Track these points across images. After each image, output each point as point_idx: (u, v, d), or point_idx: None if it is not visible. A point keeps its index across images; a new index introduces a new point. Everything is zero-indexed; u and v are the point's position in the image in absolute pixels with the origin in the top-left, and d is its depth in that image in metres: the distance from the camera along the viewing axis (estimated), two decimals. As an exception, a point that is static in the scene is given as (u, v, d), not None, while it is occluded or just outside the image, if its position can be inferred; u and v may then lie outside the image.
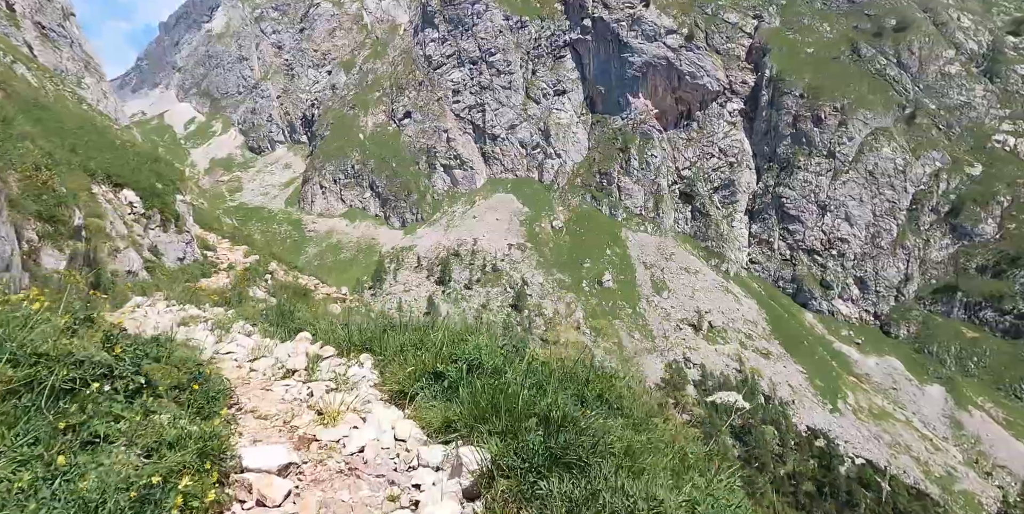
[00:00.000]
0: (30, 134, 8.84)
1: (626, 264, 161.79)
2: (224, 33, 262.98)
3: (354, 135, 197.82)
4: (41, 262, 5.64)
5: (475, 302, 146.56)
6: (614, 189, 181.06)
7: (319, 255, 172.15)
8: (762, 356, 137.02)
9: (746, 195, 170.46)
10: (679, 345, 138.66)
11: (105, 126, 25.27)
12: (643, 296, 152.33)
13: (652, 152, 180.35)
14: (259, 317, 5.97)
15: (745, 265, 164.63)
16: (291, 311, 5.76)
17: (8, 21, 63.70)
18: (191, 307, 6.84)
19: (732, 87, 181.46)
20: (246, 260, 21.20)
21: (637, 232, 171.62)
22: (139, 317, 6.17)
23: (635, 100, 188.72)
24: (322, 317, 6.42)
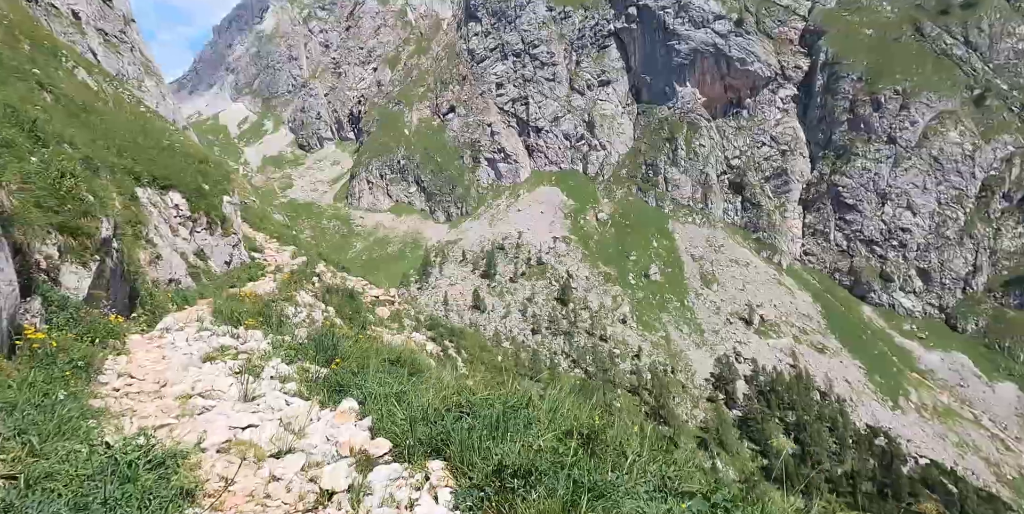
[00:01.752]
0: (71, 137, 9.02)
1: (673, 256, 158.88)
2: (274, 34, 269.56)
3: (399, 131, 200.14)
4: (62, 281, 5.55)
5: (520, 295, 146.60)
6: (660, 180, 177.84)
7: (366, 249, 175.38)
8: (817, 351, 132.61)
9: (799, 184, 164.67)
10: (729, 339, 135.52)
11: (154, 128, 26.06)
12: (691, 289, 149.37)
13: (700, 141, 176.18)
14: (297, 352, 5.43)
15: (799, 257, 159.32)
16: (333, 345, 5.23)
17: (74, 29, 66.24)
18: (225, 333, 6.46)
19: (784, 72, 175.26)
20: (294, 262, 21.55)
21: (685, 224, 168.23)
22: (165, 346, 5.85)
23: (682, 89, 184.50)
24: (371, 353, 5.49)
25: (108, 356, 5.28)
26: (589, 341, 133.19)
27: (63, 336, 4.70)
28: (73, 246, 5.69)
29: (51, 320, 5.13)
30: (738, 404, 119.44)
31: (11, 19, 28.59)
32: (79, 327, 5.33)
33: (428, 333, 18.94)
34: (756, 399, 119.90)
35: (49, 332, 4.69)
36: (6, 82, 10.00)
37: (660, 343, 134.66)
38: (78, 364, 4.37)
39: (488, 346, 21.75)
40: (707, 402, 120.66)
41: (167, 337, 6.22)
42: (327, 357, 5.12)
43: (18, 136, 6.08)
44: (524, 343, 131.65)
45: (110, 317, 5.89)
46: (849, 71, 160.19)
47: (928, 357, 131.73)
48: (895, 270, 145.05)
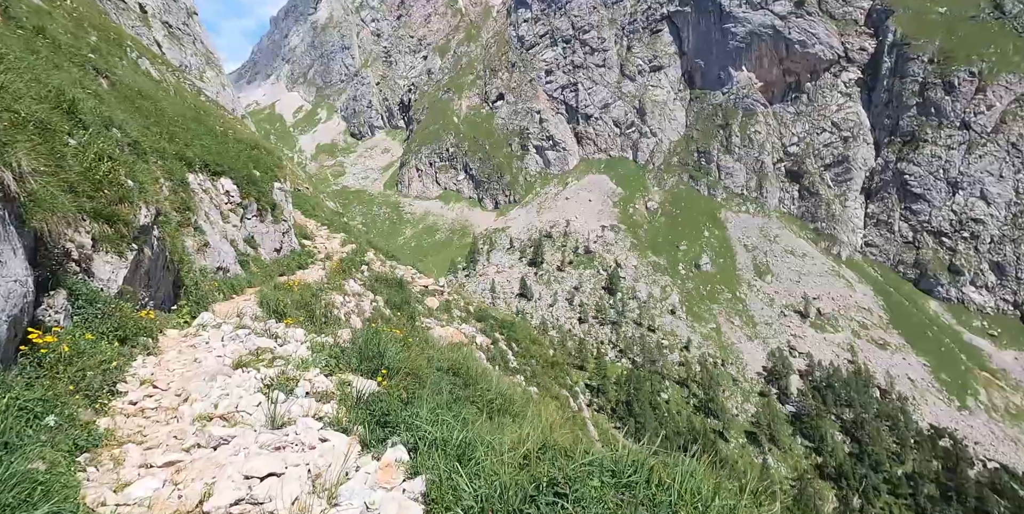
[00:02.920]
0: (121, 122, 8.88)
1: (725, 247, 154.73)
2: (328, 24, 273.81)
3: (449, 119, 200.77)
4: (95, 272, 5.23)
5: (567, 284, 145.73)
6: (713, 168, 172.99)
7: (415, 236, 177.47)
8: (878, 347, 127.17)
9: (862, 172, 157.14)
10: (783, 333, 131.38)
11: (208, 114, 26.45)
12: (744, 280, 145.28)
13: (756, 128, 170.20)
14: (339, 360, 4.82)
15: (860, 248, 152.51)
16: (380, 352, 4.66)
17: (141, 22, 68.63)
18: (263, 332, 5.92)
19: (848, 55, 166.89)
20: (343, 249, 21.47)
21: (738, 213, 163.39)
22: (199, 346, 5.46)
23: (737, 73, 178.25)
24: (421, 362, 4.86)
25: (137, 356, 5.00)
26: (637, 331, 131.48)
27: (80, 338, 4.30)
28: (108, 234, 5.40)
29: (78, 316, 4.82)
30: (791, 399, 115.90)
31: (80, 12, 29.46)
32: (108, 323, 5.01)
33: (477, 325, 18.58)
34: (811, 395, 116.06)
35: (73, 331, 4.43)
36: (60, 67, 10.01)
37: (710, 335, 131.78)
38: (94, 371, 3.98)
39: (539, 339, 21.35)
40: (759, 396, 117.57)
41: (202, 335, 5.88)
42: (372, 367, 4.56)
43: (56, 117, 5.85)
44: (571, 332, 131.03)
45: (142, 313, 5.60)
46: (920, 52, 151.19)
47: (1000, 356, 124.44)
48: (965, 263, 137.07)
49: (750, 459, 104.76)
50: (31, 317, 4.19)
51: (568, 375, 20.47)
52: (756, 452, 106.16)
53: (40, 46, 10.45)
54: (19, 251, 3.80)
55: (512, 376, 14.92)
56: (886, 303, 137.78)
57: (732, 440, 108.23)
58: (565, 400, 16.93)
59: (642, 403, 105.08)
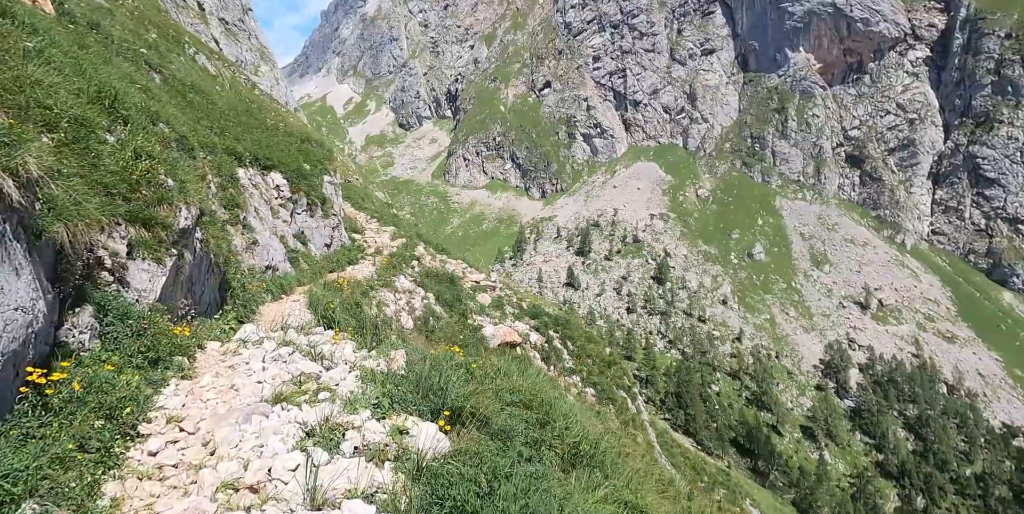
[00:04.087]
0: (170, 117, 8.66)
1: (780, 235, 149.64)
2: (376, 16, 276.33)
3: (495, 108, 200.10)
4: (130, 281, 4.86)
5: (615, 273, 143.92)
6: (768, 154, 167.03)
7: (462, 226, 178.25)
8: (945, 340, 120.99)
9: (929, 156, 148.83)
10: (842, 324, 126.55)
11: (260, 108, 26.65)
12: (800, 270, 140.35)
13: (814, 111, 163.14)
14: (393, 398, 4.12)
15: (926, 236, 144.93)
16: (441, 386, 4.03)
17: (199, 19, 70.89)
18: (308, 351, 5.31)
19: (915, 32, 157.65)
20: (393, 243, 21.17)
21: (794, 200, 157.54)
22: (238, 367, 4.94)
23: (794, 55, 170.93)
24: (488, 395, 4.20)
25: (170, 379, 4.55)
26: (687, 322, 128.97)
27: (98, 371, 3.76)
28: (145, 239, 5.04)
29: (106, 335, 4.38)
30: (850, 394, 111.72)
31: (141, 11, 30.23)
32: (140, 343, 4.56)
33: (531, 322, 18.00)
34: (871, 389, 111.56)
35: (96, 355, 4.04)
36: (110, 61, 9.92)
37: (764, 326, 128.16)
38: (111, 413, 3.46)
39: (595, 337, 20.68)
40: (815, 390, 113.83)
41: (242, 353, 5.39)
42: (433, 405, 3.92)
43: (94, 113, 5.56)
44: (619, 322, 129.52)
45: (177, 329, 5.14)
46: (996, 27, 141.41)
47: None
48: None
49: (805, 454, 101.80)
50: (51, 340, 3.80)
51: (626, 375, 19.80)
52: (812, 447, 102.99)
53: (91, 41, 10.41)
54: (25, 270, 3.37)
55: (568, 377, 14.40)
56: (955, 294, 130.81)
57: (786, 434, 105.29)
58: (623, 402, 16.28)
59: (692, 395, 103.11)
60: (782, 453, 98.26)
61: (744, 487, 59.80)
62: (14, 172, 3.29)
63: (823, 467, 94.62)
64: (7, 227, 3.23)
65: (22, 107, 4.17)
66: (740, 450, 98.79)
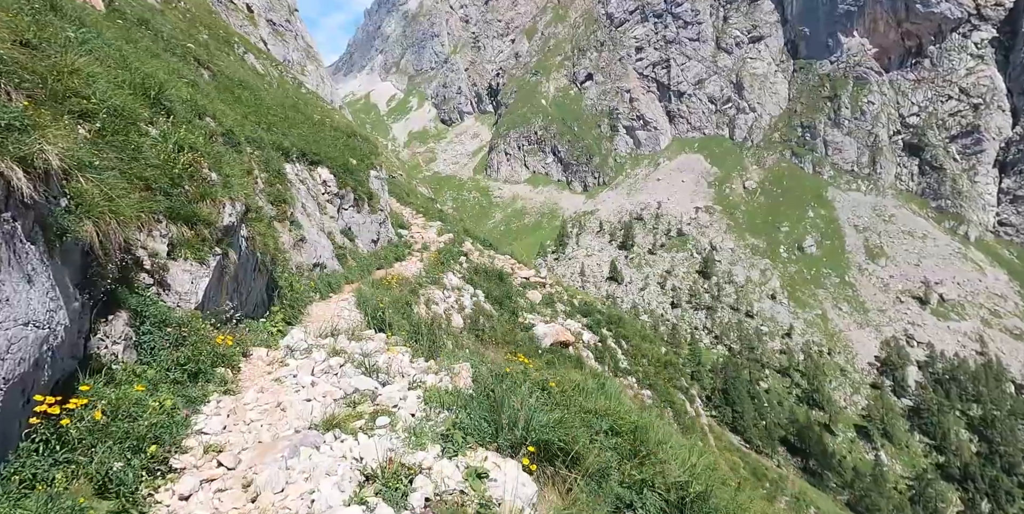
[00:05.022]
0: (217, 111, 8.48)
1: (833, 227, 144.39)
2: (418, 13, 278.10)
3: (537, 101, 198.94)
4: (171, 283, 4.53)
5: (659, 268, 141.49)
6: (819, 143, 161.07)
7: (504, 220, 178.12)
8: (1013, 337, 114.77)
9: (996, 143, 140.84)
10: (899, 320, 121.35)
11: (306, 104, 26.86)
12: (854, 263, 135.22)
13: (869, 98, 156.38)
14: (465, 430, 3.51)
15: (992, 228, 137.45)
16: (519, 414, 3.41)
17: (248, 21, 72.87)
18: (360, 362, 4.86)
19: (980, 12, 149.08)
20: (440, 239, 20.82)
21: (847, 191, 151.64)
22: (285, 381, 4.42)
23: (848, 39, 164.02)
24: (575, 421, 3.57)
25: (211, 394, 4.12)
26: (734, 317, 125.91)
27: (127, 394, 3.27)
28: (187, 238, 4.73)
29: (143, 346, 3.98)
30: (909, 392, 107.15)
31: (193, 13, 31.05)
32: (179, 354, 4.15)
33: (583, 320, 17.37)
34: (931, 388, 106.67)
35: (132, 367, 3.64)
36: (158, 56, 9.85)
37: (815, 322, 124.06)
38: (132, 449, 2.97)
39: (650, 336, 19.96)
40: (870, 388, 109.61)
41: (290, 363, 4.90)
42: (514, 440, 3.27)
43: (136, 104, 5.31)
44: (663, 317, 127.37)
45: (219, 338, 4.71)
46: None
47: None
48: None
49: (860, 454, 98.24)
50: (80, 352, 3.43)
51: (683, 376, 19.04)
52: (867, 447, 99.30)
53: (139, 36, 10.38)
54: (41, 276, 2.94)
55: (623, 378, 13.83)
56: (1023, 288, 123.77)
57: (839, 434, 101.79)
58: (681, 405, 15.60)
59: (739, 392, 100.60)
60: (835, 453, 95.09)
61: (807, 493, 57.95)
62: (27, 162, 2.90)
63: (879, 468, 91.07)
64: (18, 226, 2.84)
65: (57, 95, 3.90)
66: (790, 449, 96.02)
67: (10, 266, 2.71)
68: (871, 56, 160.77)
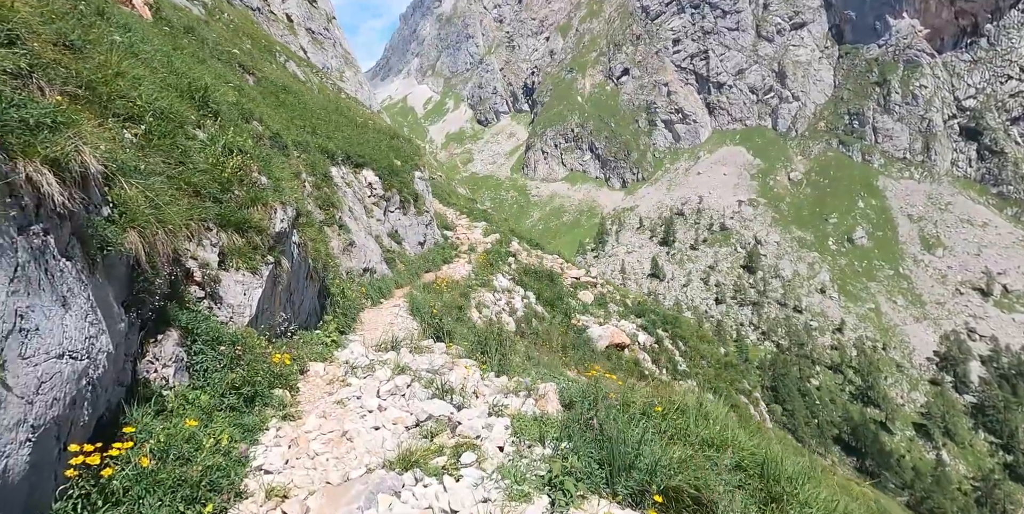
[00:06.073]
0: (263, 115, 8.37)
1: (884, 217, 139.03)
2: (452, 15, 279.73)
3: (572, 98, 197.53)
4: (223, 296, 4.24)
5: (702, 263, 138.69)
6: (868, 131, 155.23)
7: (543, 219, 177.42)
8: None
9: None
10: (959, 313, 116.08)
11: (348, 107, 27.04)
12: (908, 254, 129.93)
13: (921, 82, 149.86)
14: (572, 473, 2.91)
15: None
16: (640, 453, 2.89)
17: (288, 30, 74.83)
18: (431, 380, 4.44)
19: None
20: (486, 239, 20.62)
21: (899, 179, 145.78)
22: (348, 403, 4.02)
23: (897, 22, 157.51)
24: (702, 463, 2.97)
25: (269, 420, 3.77)
26: (781, 312, 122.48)
27: (177, 432, 2.92)
28: (239, 246, 4.48)
29: (194, 366, 3.66)
30: (971, 389, 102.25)
31: (237, 24, 31.80)
32: (234, 375, 3.81)
33: (638, 321, 16.83)
34: (996, 384, 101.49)
35: (184, 392, 3.33)
36: (204, 61, 9.83)
37: (868, 316, 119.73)
38: (185, 501, 2.58)
39: (708, 336, 19.25)
40: (929, 385, 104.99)
41: (352, 383, 4.51)
42: (632, 486, 2.77)
43: (183, 106, 5.13)
44: (707, 313, 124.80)
45: (274, 357, 4.38)
46: None
47: None
48: None
49: (920, 454, 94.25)
50: (127, 379, 3.08)
51: (745, 378, 18.24)
52: (927, 446, 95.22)
53: (185, 43, 10.40)
54: (78, 297, 2.56)
55: (683, 381, 13.28)
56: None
57: (897, 432, 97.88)
58: (744, 408, 14.92)
59: (789, 389, 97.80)
60: (892, 452, 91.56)
61: (882, 503, 55.77)
62: (61, 165, 2.55)
63: (941, 468, 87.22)
64: (50, 240, 2.45)
65: (101, 98, 3.68)
66: (845, 448, 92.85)
67: (40, 288, 2.34)
68: (922, 38, 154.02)
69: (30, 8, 3.26)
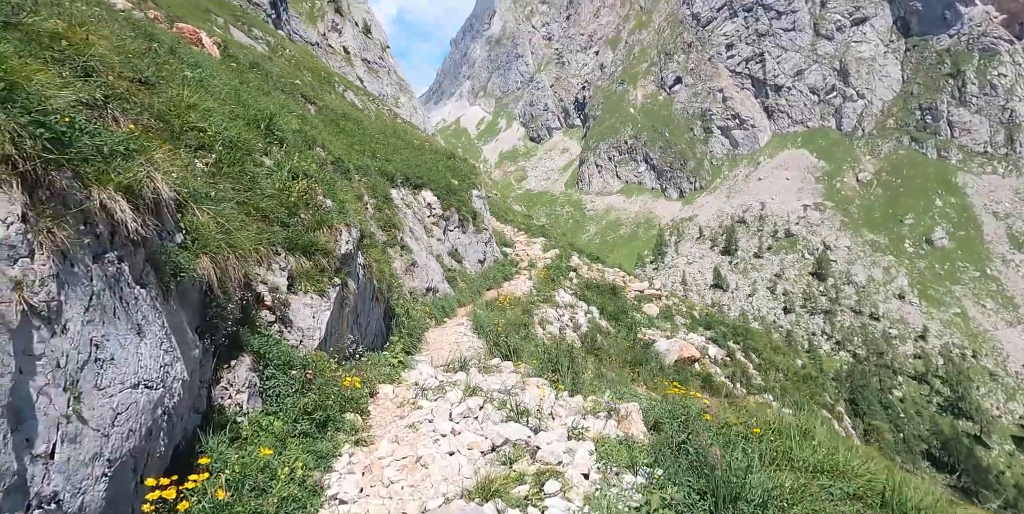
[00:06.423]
0: (325, 141, 8.65)
1: (966, 216, 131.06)
2: (501, 36, 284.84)
3: (624, 110, 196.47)
4: (292, 319, 4.26)
5: (767, 271, 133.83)
6: (942, 126, 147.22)
7: (599, 233, 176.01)
8: None
9: None
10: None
11: (405, 130, 27.92)
12: (996, 254, 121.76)
13: (999, 70, 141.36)
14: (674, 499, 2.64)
15: None
16: (745, 483, 2.51)
17: (345, 61, 78.63)
18: (503, 401, 4.25)
19: None
20: (546, 255, 20.55)
21: (981, 175, 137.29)
22: (420, 427, 3.92)
23: (968, 9, 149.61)
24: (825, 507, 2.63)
25: (342, 446, 3.72)
26: (856, 320, 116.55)
27: (252, 461, 2.87)
28: (307, 269, 4.54)
29: (267, 391, 3.67)
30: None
31: (298, 58, 33.70)
32: (306, 400, 3.78)
33: (707, 333, 16.27)
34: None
35: (258, 418, 3.32)
36: (268, 93, 10.28)
37: (953, 322, 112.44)
38: None
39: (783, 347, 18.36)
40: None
41: (423, 405, 4.43)
42: None
43: (250, 134, 5.31)
44: (775, 323, 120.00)
45: (345, 380, 4.34)
46: None
47: None
48: None
49: (1022, 469, 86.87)
50: (203, 406, 3.10)
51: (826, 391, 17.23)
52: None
53: (251, 77, 10.94)
54: (153, 325, 2.53)
55: (759, 395, 12.68)
56: None
57: (995, 446, 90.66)
58: (828, 424, 14.12)
59: (869, 402, 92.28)
60: (991, 468, 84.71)
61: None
62: (134, 192, 2.56)
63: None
64: (125, 267, 2.43)
65: (174, 129, 3.83)
66: (935, 463, 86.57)
67: (115, 317, 2.29)
68: (998, 24, 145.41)
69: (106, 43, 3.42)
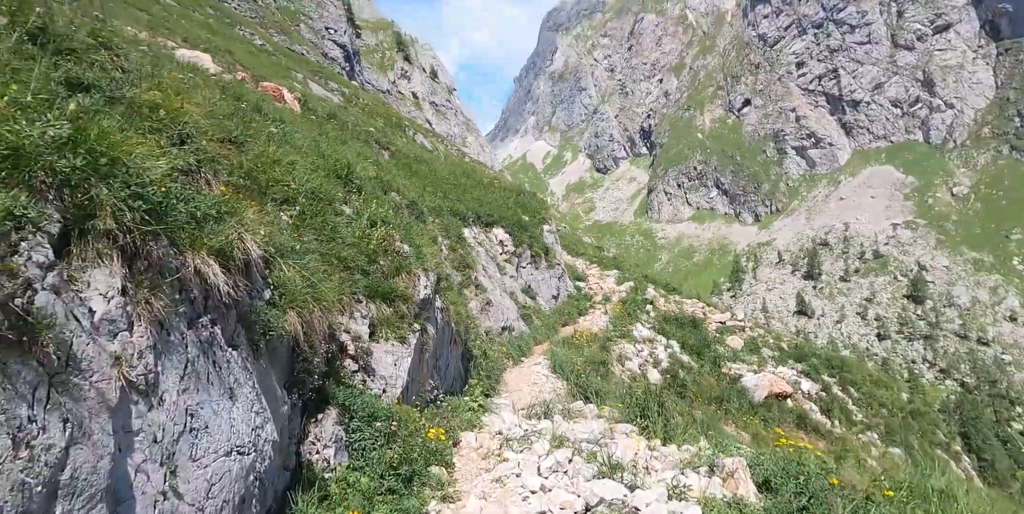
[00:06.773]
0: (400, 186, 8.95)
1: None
2: (564, 71, 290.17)
3: (692, 136, 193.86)
4: (374, 367, 4.26)
5: (856, 296, 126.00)
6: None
7: (671, 261, 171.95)
8: None
9: None
10: None
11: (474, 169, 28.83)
12: None
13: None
14: None
15: None
16: None
17: (414, 106, 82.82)
18: (593, 453, 4.00)
19: None
20: (620, 288, 20.12)
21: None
22: (507, 482, 3.75)
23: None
24: None
25: (428, 503, 3.58)
26: (962, 345, 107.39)
27: None
28: (387, 316, 4.57)
29: (353, 444, 3.60)
30: None
31: (370, 106, 35.78)
32: (392, 451, 3.71)
33: (798, 366, 15.26)
34: None
35: (345, 475, 3.23)
36: (346, 142, 10.80)
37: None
38: None
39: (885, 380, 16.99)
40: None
41: (509, 458, 4.21)
42: None
43: (330, 185, 5.53)
44: (868, 350, 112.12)
45: (429, 432, 4.21)
46: None
47: None
48: None
49: None
50: (292, 463, 3.04)
51: (938, 428, 15.71)
52: None
53: (329, 128, 11.56)
54: (244, 387, 2.47)
55: (862, 434, 11.69)
56: None
57: None
58: (944, 464, 12.78)
59: (984, 435, 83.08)
60: None
61: None
62: (226, 254, 2.56)
63: None
64: (218, 331, 2.38)
65: (261, 185, 4.03)
66: (1073, 507, 76.90)
67: (208, 382, 2.21)
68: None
69: (197, 107, 3.66)
